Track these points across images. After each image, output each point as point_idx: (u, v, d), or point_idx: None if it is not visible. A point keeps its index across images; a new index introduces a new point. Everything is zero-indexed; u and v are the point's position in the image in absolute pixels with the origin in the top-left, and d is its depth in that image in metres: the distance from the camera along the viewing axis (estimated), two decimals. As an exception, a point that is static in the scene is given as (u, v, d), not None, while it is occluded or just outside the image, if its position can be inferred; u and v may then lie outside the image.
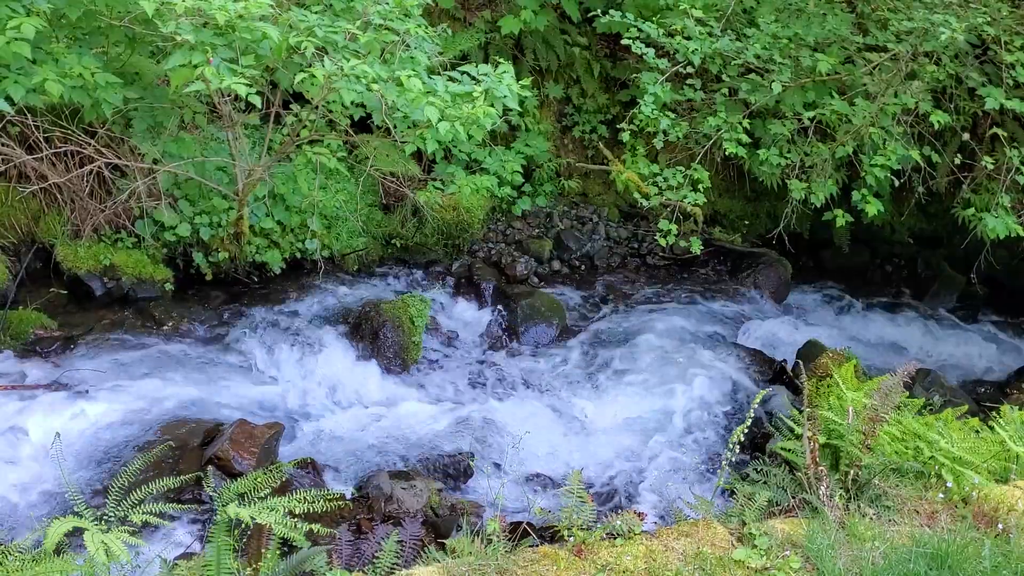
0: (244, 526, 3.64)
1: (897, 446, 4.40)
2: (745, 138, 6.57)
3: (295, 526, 3.53)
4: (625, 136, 6.80)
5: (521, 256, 7.89)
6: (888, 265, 8.89)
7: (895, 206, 7.92)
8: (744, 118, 6.63)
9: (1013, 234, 6.21)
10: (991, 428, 4.66)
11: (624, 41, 6.63)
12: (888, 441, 4.38)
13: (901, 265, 8.87)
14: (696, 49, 6.41)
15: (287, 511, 3.62)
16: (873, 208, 6.34)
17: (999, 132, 6.39)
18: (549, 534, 3.95)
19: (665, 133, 6.53)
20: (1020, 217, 6.37)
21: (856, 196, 6.41)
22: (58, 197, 6.38)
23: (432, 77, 5.05)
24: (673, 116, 6.66)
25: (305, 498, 3.68)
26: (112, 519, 3.48)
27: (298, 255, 7.03)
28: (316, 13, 5.01)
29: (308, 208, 6.92)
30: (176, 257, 6.74)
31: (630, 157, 8.02)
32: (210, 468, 4.76)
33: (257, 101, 4.44)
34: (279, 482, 3.98)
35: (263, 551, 3.66)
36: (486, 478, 5.16)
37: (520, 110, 5.94)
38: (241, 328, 6.33)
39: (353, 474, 5.14)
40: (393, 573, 3.52)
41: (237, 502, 3.60)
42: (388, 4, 5.09)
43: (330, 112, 6.12)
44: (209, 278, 6.75)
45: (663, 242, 6.52)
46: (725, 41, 6.57)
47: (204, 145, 6.68)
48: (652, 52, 6.52)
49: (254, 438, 4.92)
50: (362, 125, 6.98)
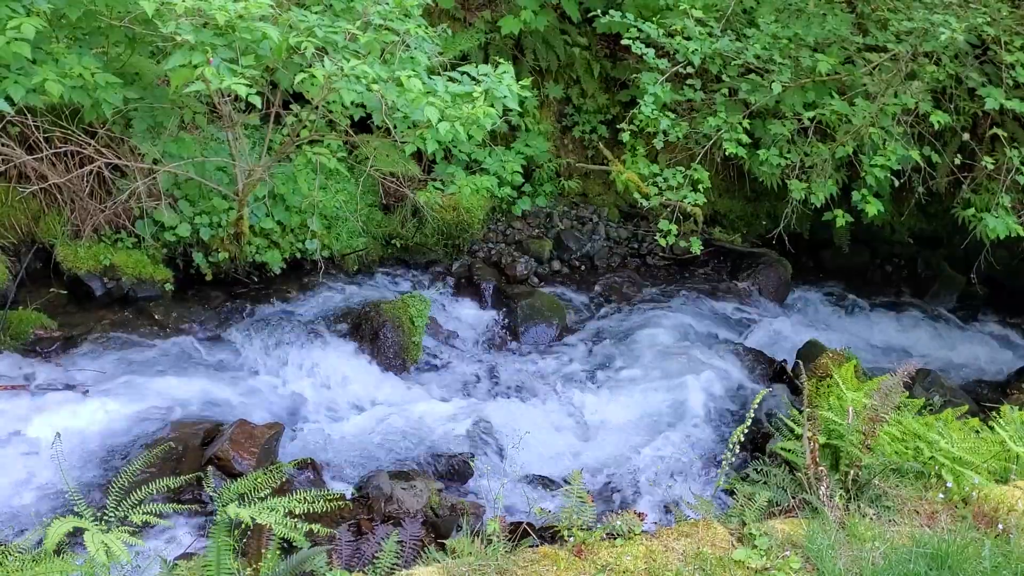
0: (244, 526, 3.65)
1: (897, 446, 4.40)
2: (745, 138, 6.58)
3: (295, 526, 3.54)
4: (625, 136, 6.80)
5: (521, 256, 7.89)
6: (888, 265, 8.89)
7: (895, 206, 7.92)
8: (744, 118, 6.63)
9: (1013, 234, 6.22)
10: (991, 428, 4.66)
11: (624, 41, 6.63)
12: (888, 441, 4.38)
13: (901, 265, 8.87)
14: (696, 49, 6.42)
15: (287, 511, 3.63)
16: (873, 208, 6.35)
17: (999, 132, 6.39)
18: (549, 534, 3.94)
19: (665, 133, 6.53)
20: (1020, 217, 6.37)
21: (856, 196, 6.42)
22: (58, 197, 6.38)
23: (432, 77, 5.05)
24: (673, 116, 6.66)
25: (305, 498, 3.69)
26: (112, 519, 3.48)
27: (298, 255, 7.03)
28: (316, 13, 5.01)
29: (308, 208, 6.92)
30: (176, 257, 6.74)
31: (630, 157, 8.03)
32: (210, 468, 4.76)
33: (257, 101, 4.44)
34: (279, 482, 3.98)
35: (263, 551, 3.66)
36: (486, 478, 5.16)
37: (520, 110, 5.94)
38: (241, 328, 6.32)
39: (353, 474, 5.14)
40: (393, 573, 3.52)
41: (237, 502, 3.60)
42: (388, 4, 5.09)
43: (330, 112, 6.12)
44: (209, 278, 6.74)
45: (663, 242, 6.53)
46: (725, 41, 6.57)
47: (204, 145, 6.68)
48: (652, 52, 6.53)
49: (254, 438, 4.92)
50: (362, 125, 6.98)
